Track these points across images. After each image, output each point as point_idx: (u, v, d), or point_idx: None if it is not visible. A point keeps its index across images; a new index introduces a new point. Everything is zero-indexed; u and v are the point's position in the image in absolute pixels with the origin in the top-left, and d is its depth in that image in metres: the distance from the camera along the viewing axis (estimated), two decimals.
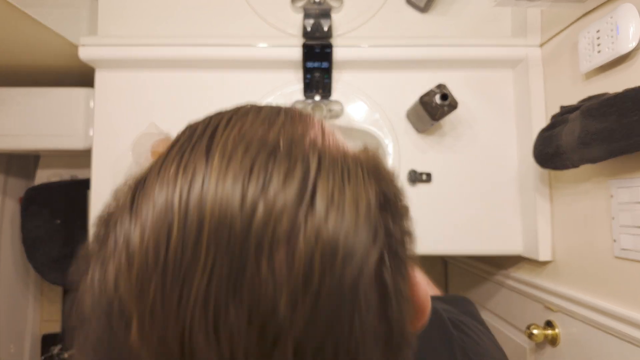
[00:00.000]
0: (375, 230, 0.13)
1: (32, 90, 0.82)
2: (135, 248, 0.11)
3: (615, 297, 0.52)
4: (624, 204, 0.51)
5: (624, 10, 0.50)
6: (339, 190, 0.12)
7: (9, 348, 1.07)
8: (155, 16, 0.77)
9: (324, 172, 0.12)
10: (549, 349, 0.64)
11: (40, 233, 1.01)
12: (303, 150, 0.13)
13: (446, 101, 0.64)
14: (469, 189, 0.72)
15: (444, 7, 0.76)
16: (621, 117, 0.46)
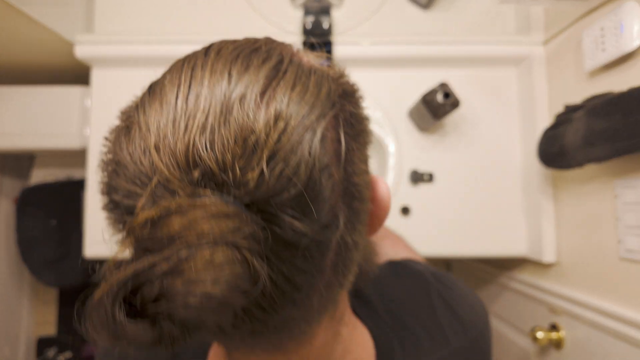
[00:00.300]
0: (333, 104, 0.16)
1: (26, 89, 0.81)
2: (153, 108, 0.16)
3: (621, 299, 0.51)
4: (629, 204, 0.50)
5: (628, 8, 0.49)
6: (306, 76, 0.16)
7: (3, 351, 1.05)
8: (152, 13, 0.75)
9: (295, 65, 0.16)
10: (554, 352, 0.63)
11: (35, 234, 1.00)
12: (280, 52, 0.17)
13: (448, 100, 0.63)
14: (471, 189, 0.71)
15: (446, 4, 0.75)
16: (626, 116, 0.46)
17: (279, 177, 0.13)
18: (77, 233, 0.98)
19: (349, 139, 0.17)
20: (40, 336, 1.19)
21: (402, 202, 0.71)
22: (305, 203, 0.14)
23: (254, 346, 0.19)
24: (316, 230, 0.14)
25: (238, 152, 0.13)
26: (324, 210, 0.15)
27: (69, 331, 1.21)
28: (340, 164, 0.16)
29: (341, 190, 0.16)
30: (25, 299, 1.16)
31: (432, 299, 0.29)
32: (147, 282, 0.11)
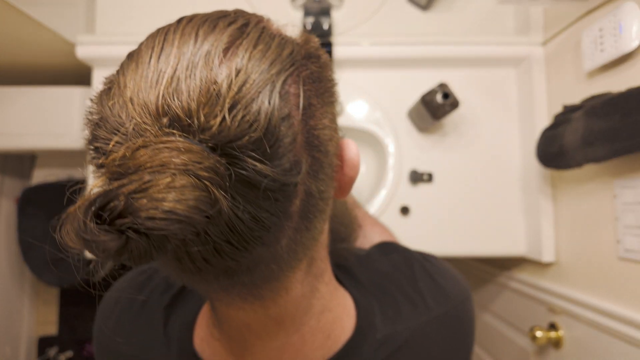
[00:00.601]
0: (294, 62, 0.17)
1: (28, 89, 0.81)
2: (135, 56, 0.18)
3: (620, 298, 0.51)
4: (628, 204, 0.50)
5: (627, 8, 0.49)
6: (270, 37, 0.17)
7: (4, 350, 1.05)
8: (153, 13, 0.76)
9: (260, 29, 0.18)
10: (553, 351, 0.63)
11: (36, 234, 1.00)
12: (247, 18, 0.18)
13: (448, 100, 0.63)
14: (471, 189, 0.71)
15: (445, 5, 0.75)
16: (625, 116, 0.46)
17: (240, 122, 0.15)
18: None
19: (311, 95, 0.18)
20: (41, 335, 1.20)
21: (401, 202, 0.71)
22: (266, 147, 0.15)
23: (232, 293, 0.20)
24: (277, 173, 0.16)
25: (202, 101, 0.15)
26: (284, 156, 0.16)
27: (70, 330, 1.21)
28: (299, 117, 0.17)
29: (303, 141, 0.17)
30: (26, 299, 1.16)
31: (415, 271, 0.30)
32: (114, 198, 0.13)
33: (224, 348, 0.24)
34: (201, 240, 0.15)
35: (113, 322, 0.29)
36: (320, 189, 0.19)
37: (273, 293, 0.21)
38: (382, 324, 0.26)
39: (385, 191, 0.71)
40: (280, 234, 0.18)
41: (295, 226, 0.18)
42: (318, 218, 0.20)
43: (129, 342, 0.28)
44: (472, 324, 0.30)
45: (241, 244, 0.16)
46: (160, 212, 0.12)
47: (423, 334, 0.27)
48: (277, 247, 0.18)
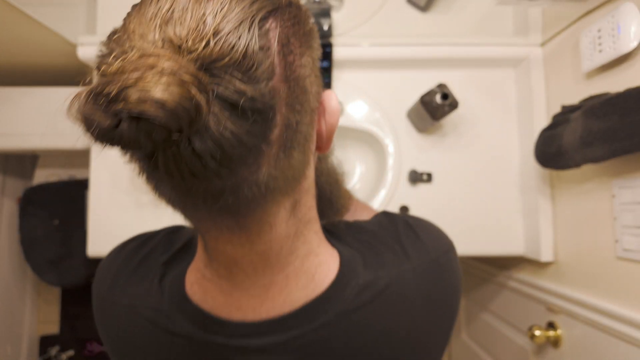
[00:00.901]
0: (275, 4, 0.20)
1: (30, 90, 0.81)
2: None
3: (618, 298, 0.52)
4: (626, 204, 0.50)
5: (625, 9, 0.50)
6: None
7: (5, 350, 1.06)
8: None
9: None
10: (551, 350, 0.63)
11: (38, 233, 1.01)
12: None
13: (447, 101, 0.64)
14: (470, 189, 0.72)
15: (444, 6, 0.76)
16: (623, 116, 0.46)
17: (221, 46, 0.17)
18: (79, 232, 0.99)
19: (290, 34, 0.20)
20: (42, 335, 1.20)
21: (401, 201, 0.71)
22: (245, 69, 0.17)
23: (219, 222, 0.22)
24: (255, 93, 0.17)
25: (192, 27, 0.17)
26: (263, 81, 0.18)
27: (72, 330, 1.22)
28: (277, 48, 0.19)
29: (281, 73, 0.19)
30: (28, 298, 1.17)
31: (399, 227, 0.31)
32: (110, 86, 0.15)
33: (215, 287, 0.26)
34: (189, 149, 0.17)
35: (109, 280, 0.30)
36: (299, 121, 0.20)
37: (258, 226, 0.23)
38: (364, 270, 0.27)
39: (385, 191, 0.71)
40: (261, 159, 0.19)
41: (275, 155, 0.20)
42: (297, 150, 0.21)
43: (124, 293, 0.29)
44: (454, 276, 0.31)
45: (224, 160, 0.18)
46: (148, 99, 0.14)
47: (404, 281, 0.28)
48: (258, 172, 0.20)
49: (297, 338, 0.25)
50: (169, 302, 0.27)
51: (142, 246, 0.32)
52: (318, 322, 0.25)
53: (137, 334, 0.28)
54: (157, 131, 0.15)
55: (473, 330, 0.95)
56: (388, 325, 0.27)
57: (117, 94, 0.15)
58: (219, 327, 0.25)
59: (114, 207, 0.71)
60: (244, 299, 0.25)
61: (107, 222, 0.70)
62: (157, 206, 0.71)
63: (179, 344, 0.26)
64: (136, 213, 0.71)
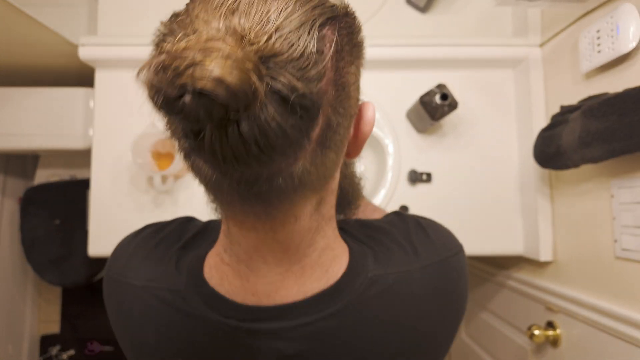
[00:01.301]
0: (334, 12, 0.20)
1: (31, 90, 0.82)
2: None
3: (617, 297, 0.52)
4: (625, 204, 0.51)
5: (624, 10, 0.50)
6: None
7: (7, 349, 1.06)
8: (155, 15, 0.76)
9: None
10: (550, 350, 0.64)
11: (39, 233, 1.01)
12: None
13: (446, 101, 0.64)
14: (469, 189, 0.72)
15: (444, 7, 0.76)
16: (622, 116, 0.46)
17: (282, 42, 0.18)
18: (80, 232, 0.99)
19: (344, 43, 0.21)
20: (43, 334, 1.21)
21: (400, 201, 0.71)
22: (300, 67, 0.18)
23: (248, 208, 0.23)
24: (306, 91, 0.18)
25: (256, 21, 0.18)
26: (314, 81, 0.19)
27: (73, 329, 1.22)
28: (332, 53, 0.20)
29: (331, 77, 0.20)
30: (29, 298, 1.17)
31: (409, 226, 0.32)
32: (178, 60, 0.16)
33: (232, 271, 0.27)
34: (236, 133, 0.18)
35: (124, 262, 0.31)
36: (339, 123, 0.22)
37: (284, 217, 0.24)
38: (374, 265, 0.28)
39: (385, 191, 0.71)
40: (300, 152, 0.20)
41: (312, 151, 0.21)
42: (333, 151, 0.22)
43: (138, 274, 0.29)
44: (462, 278, 0.31)
45: (267, 148, 0.19)
46: (213, 77, 0.16)
47: (412, 279, 0.28)
48: (295, 165, 0.21)
49: (306, 325, 0.26)
50: (185, 283, 0.27)
51: (157, 233, 0.32)
52: (327, 312, 0.26)
53: (150, 314, 0.28)
54: (216, 108, 0.16)
55: (472, 329, 0.95)
56: (395, 319, 0.27)
57: (184, 69, 0.16)
58: (233, 310, 0.26)
59: (114, 207, 0.71)
60: (259, 285, 0.26)
61: (108, 222, 0.70)
62: (158, 206, 0.72)
63: (192, 325, 0.27)
64: (137, 213, 0.71)
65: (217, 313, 0.26)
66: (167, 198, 0.71)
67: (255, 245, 0.25)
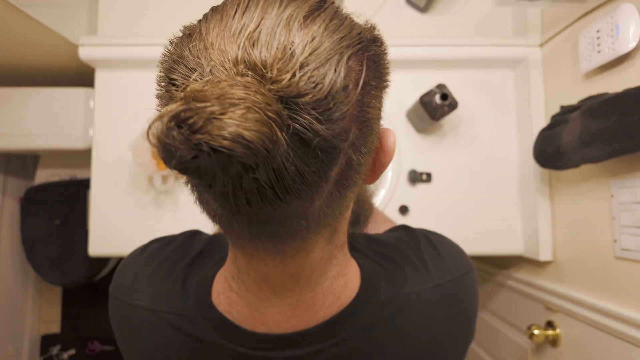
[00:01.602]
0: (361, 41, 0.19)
1: (31, 90, 0.82)
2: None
3: (616, 297, 0.52)
4: (624, 204, 0.51)
5: (624, 10, 0.50)
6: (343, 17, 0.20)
7: (7, 349, 1.06)
8: (155, 15, 0.77)
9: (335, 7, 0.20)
10: (550, 349, 0.64)
11: (39, 233, 1.01)
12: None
13: (446, 101, 0.64)
14: (469, 189, 0.72)
15: (444, 7, 0.76)
16: (622, 116, 0.46)
17: (306, 81, 0.16)
18: (80, 232, 0.99)
19: (370, 75, 0.20)
20: (44, 334, 1.21)
21: (400, 201, 0.71)
22: (324, 109, 0.17)
23: (258, 243, 0.22)
24: (328, 134, 0.17)
25: (278, 57, 0.16)
26: (337, 121, 0.18)
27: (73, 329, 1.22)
28: (358, 90, 0.19)
29: (355, 114, 0.19)
30: (30, 298, 1.17)
31: (420, 242, 0.31)
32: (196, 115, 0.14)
33: (241, 300, 0.26)
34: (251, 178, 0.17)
35: (129, 282, 0.30)
36: (359, 162, 0.20)
37: (295, 252, 0.23)
38: (386, 286, 0.27)
39: (385, 191, 0.71)
40: (317, 194, 0.19)
41: (330, 191, 0.20)
42: (350, 189, 0.21)
43: (145, 295, 0.29)
44: (473, 296, 0.31)
45: (282, 192, 0.18)
46: (232, 134, 0.14)
47: (425, 299, 0.28)
48: (310, 207, 0.20)
49: (318, 352, 0.25)
50: (194, 308, 0.27)
51: (162, 249, 0.32)
52: (339, 337, 0.26)
53: (159, 337, 0.28)
54: (235, 166, 0.15)
55: None
56: (408, 340, 0.27)
57: (201, 125, 0.14)
58: (243, 337, 0.26)
59: (115, 207, 0.71)
60: (269, 314, 0.25)
61: (108, 222, 0.71)
62: (158, 206, 0.72)
63: (202, 351, 0.26)
64: (137, 213, 0.71)
65: (227, 340, 0.26)
66: (167, 198, 0.72)
67: (265, 277, 0.24)
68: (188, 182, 0.21)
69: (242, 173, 0.16)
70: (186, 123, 0.14)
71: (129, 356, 0.30)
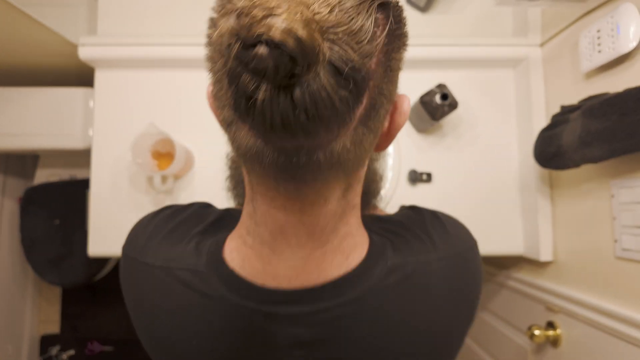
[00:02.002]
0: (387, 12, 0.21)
1: (31, 90, 0.82)
2: None
3: (617, 297, 0.52)
4: (625, 204, 0.50)
5: (625, 9, 0.50)
6: None
7: (6, 349, 1.06)
8: (155, 15, 0.76)
9: None
10: (551, 350, 0.64)
11: (38, 233, 1.01)
12: None
13: (446, 101, 0.64)
14: (469, 189, 0.72)
15: (444, 7, 0.76)
16: (623, 116, 0.46)
17: (343, 15, 0.18)
18: (80, 232, 0.99)
19: (393, 29, 0.21)
20: (43, 334, 1.21)
21: (400, 201, 0.71)
22: (357, 41, 0.19)
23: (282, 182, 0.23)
24: (359, 64, 0.19)
25: None
26: (367, 56, 0.19)
27: (73, 329, 1.22)
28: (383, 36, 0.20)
29: (381, 59, 0.21)
30: (29, 298, 1.17)
31: (426, 218, 0.33)
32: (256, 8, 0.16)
33: (254, 254, 0.27)
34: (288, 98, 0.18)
35: (142, 242, 0.31)
36: (382, 105, 0.22)
37: (315, 197, 0.24)
38: (393, 254, 0.28)
39: (384, 191, 0.71)
40: (343, 129, 0.21)
41: (354, 129, 0.21)
42: (372, 132, 0.22)
43: (157, 255, 0.29)
44: (477, 272, 0.32)
45: (314, 118, 0.19)
46: (290, 31, 0.16)
47: (430, 269, 0.28)
48: (336, 141, 0.21)
49: (325, 310, 0.26)
50: (205, 264, 0.27)
51: (175, 214, 0.32)
52: (346, 297, 0.26)
53: (168, 295, 0.28)
54: (286, 63, 0.17)
55: (472, 329, 0.95)
56: (412, 309, 0.27)
57: (261, 18, 0.16)
58: (253, 292, 0.26)
59: (114, 207, 0.71)
60: (280, 268, 0.26)
61: (108, 222, 0.70)
62: (158, 206, 0.72)
63: (209, 306, 0.27)
64: (137, 213, 0.71)
65: (235, 294, 0.26)
66: (167, 198, 0.71)
67: (282, 226, 0.25)
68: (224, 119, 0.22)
69: (284, 83, 0.17)
70: (249, 15, 0.16)
71: (137, 318, 0.31)
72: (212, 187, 0.71)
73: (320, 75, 0.18)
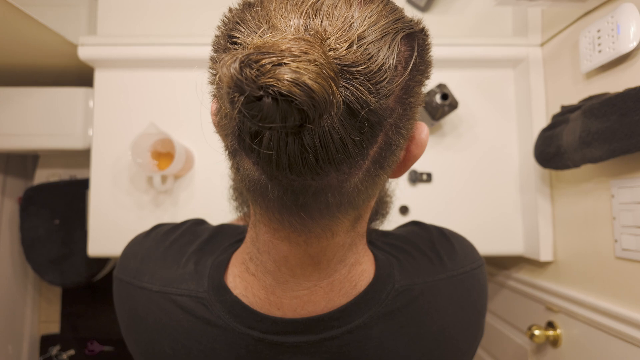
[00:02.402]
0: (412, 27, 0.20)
1: (31, 90, 0.82)
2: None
3: (617, 297, 0.52)
4: (625, 204, 0.50)
5: (625, 9, 0.50)
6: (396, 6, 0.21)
7: (7, 349, 1.06)
8: (155, 15, 0.76)
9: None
10: (551, 350, 0.64)
11: (39, 233, 1.01)
12: None
13: (447, 101, 0.64)
14: (469, 189, 0.72)
15: (444, 7, 0.76)
16: (623, 116, 0.46)
17: (362, 52, 0.17)
18: (80, 232, 0.99)
19: (418, 61, 0.20)
20: (43, 334, 1.21)
21: (400, 201, 0.71)
22: (376, 81, 0.18)
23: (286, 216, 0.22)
24: (377, 106, 0.18)
25: (338, 26, 0.17)
26: (385, 97, 0.18)
27: (73, 329, 1.22)
28: (407, 72, 0.19)
29: (400, 95, 0.19)
30: (29, 298, 1.17)
31: (433, 235, 0.32)
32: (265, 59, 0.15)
33: (258, 282, 0.26)
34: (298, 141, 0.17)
35: (136, 264, 0.30)
36: (397, 144, 0.21)
37: (321, 231, 0.23)
38: (400, 276, 0.27)
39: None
40: (355, 169, 0.20)
41: (366, 170, 0.20)
42: (384, 171, 0.21)
43: (153, 277, 0.28)
44: (484, 291, 0.31)
45: (323, 161, 0.18)
46: (300, 82, 0.15)
47: (438, 290, 0.28)
48: (346, 183, 0.20)
49: (332, 339, 0.25)
50: (208, 290, 0.26)
51: (169, 233, 0.31)
52: (354, 324, 0.25)
53: (167, 321, 0.27)
54: (295, 115, 0.15)
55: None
56: (421, 330, 0.27)
57: (270, 68, 0.15)
58: (257, 321, 0.25)
59: (114, 207, 0.71)
60: (285, 298, 0.25)
61: (108, 222, 0.70)
62: (158, 206, 0.72)
63: (213, 334, 0.26)
64: (136, 213, 0.71)
65: (240, 323, 0.25)
66: (167, 198, 0.71)
67: (286, 257, 0.24)
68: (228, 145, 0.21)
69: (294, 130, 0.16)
70: (257, 64, 0.15)
71: (135, 345, 0.30)
72: (212, 187, 0.71)
73: (333, 118, 0.17)
